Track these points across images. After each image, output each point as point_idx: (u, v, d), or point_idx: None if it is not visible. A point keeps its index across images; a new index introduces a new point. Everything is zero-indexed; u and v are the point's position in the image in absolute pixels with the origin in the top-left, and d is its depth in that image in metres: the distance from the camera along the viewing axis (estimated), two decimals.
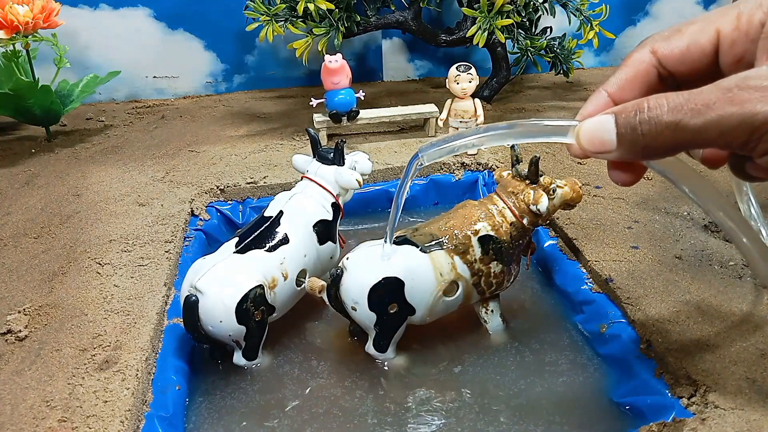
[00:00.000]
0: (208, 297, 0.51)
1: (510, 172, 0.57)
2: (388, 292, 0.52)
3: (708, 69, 0.36)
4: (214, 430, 0.50)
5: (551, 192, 0.55)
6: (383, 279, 0.52)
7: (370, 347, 0.55)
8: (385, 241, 0.52)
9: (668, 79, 0.37)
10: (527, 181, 0.55)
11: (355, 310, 0.53)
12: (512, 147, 0.56)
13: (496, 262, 0.55)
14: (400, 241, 0.55)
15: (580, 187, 0.57)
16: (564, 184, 0.56)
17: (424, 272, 0.53)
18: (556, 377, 0.54)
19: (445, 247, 0.54)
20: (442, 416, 0.51)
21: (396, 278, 0.52)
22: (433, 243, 0.54)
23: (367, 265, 0.53)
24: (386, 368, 0.55)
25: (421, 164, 0.43)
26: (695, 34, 0.36)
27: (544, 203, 0.54)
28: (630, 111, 0.33)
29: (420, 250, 0.54)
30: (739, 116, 0.30)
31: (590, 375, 0.54)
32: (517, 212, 0.55)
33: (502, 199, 0.56)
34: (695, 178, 0.36)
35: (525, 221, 0.55)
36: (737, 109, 0.30)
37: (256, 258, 0.55)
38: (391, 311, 0.53)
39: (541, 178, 0.55)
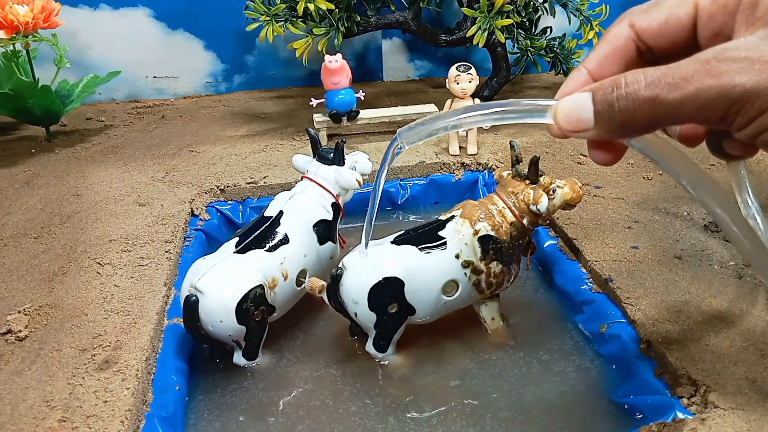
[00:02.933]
0: (209, 297, 0.51)
1: (510, 172, 0.57)
2: (388, 292, 0.52)
3: (687, 43, 0.36)
4: (214, 429, 0.50)
5: (551, 192, 0.55)
6: (383, 279, 0.52)
7: (369, 347, 0.55)
8: (364, 240, 0.52)
9: (647, 54, 0.37)
10: (527, 181, 0.55)
11: (356, 311, 0.53)
12: (512, 147, 0.56)
13: (496, 262, 0.55)
14: (410, 237, 0.55)
15: (580, 187, 0.57)
16: (564, 184, 0.56)
17: (425, 272, 0.53)
18: (556, 377, 0.54)
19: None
20: (440, 415, 0.51)
21: (396, 278, 0.52)
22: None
23: (367, 265, 0.53)
24: (386, 367, 0.55)
25: (400, 148, 0.42)
26: (673, 7, 0.35)
27: (544, 203, 0.54)
28: (607, 87, 0.32)
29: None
30: (718, 89, 0.30)
31: (590, 375, 0.54)
32: (517, 212, 0.55)
33: (502, 199, 0.56)
34: (675, 155, 0.35)
35: (525, 221, 0.55)
36: (715, 81, 0.30)
37: (256, 258, 0.55)
38: (391, 311, 0.53)
39: (541, 178, 0.55)
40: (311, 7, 0.85)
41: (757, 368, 0.48)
